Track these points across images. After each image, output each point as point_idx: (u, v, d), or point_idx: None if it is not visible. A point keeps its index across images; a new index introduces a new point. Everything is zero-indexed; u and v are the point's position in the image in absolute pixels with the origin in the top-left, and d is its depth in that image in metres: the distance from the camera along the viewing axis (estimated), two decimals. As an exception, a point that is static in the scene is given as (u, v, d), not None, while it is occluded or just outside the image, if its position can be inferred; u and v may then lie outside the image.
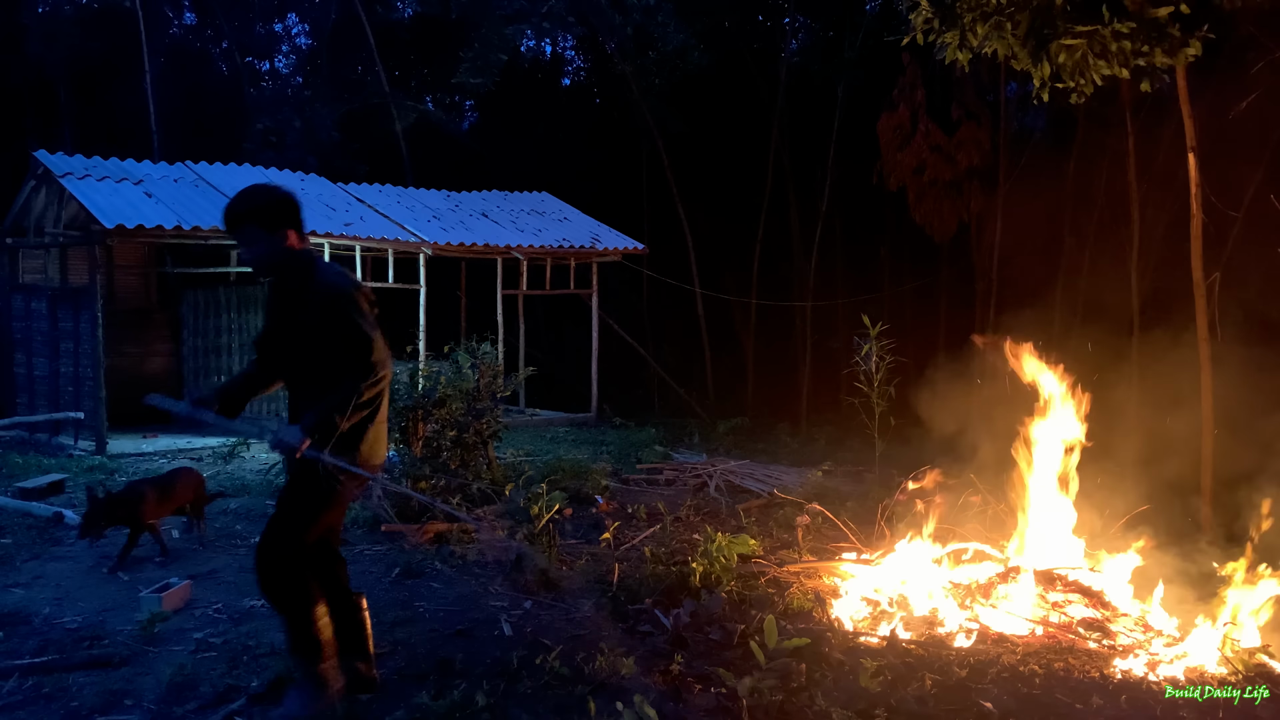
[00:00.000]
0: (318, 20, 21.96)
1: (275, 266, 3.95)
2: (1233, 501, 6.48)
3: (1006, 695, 4.18)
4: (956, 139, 13.00)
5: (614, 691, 4.13)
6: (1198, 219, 7.22)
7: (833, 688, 4.13)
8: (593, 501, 8.32)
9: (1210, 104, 8.37)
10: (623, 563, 6.32)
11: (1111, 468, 6.77)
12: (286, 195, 3.99)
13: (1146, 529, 6.06)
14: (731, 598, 5.42)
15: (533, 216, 16.30)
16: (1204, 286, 7.29)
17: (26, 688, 4.31)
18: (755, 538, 6.89)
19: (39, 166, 12.41)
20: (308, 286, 3.93)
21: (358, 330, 3.85)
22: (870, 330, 8.33)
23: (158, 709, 4.11)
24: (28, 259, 13.40)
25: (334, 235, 12.60)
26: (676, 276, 16.92)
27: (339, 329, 3.86)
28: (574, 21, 17.58)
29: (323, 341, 3.90)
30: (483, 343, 8.70)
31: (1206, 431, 7.27)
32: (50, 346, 12.34)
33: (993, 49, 6.32)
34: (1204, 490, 7.23)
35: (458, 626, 5.20)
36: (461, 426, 7.94)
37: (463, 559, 6.51)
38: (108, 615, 5.34)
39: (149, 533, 6.44)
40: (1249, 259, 9.20)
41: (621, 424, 14.27)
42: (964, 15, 6.21)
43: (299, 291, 3.95)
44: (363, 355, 3.83)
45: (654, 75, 17.10)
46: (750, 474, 9.75)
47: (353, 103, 19.36)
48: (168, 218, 11.48)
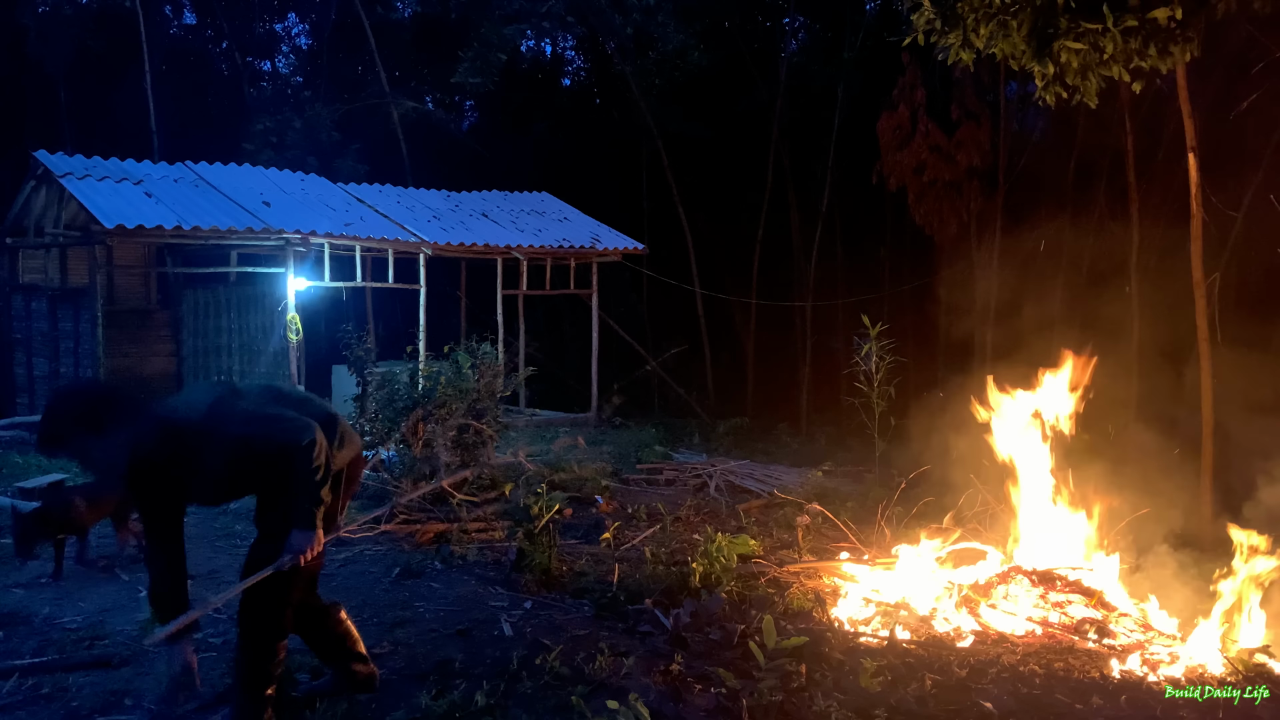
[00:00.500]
0: (318, 20, 21.97)
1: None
2: (1232, 501, 6.48)
3: (1006, 695, 4.18)
4: (956, 139, 12.99)
5: (614, 691, 4.12)
6: (1198, 219, 7.22)
7: (833, 688, 4.13)
8: (593, 502, 8.32)
9: (1210, 104, 8.38)
10: (623, 563, 6.32)
11: (1112, 466, 6.76)
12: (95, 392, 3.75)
13: (1147, 529, 6.07)
14: (731, 598, 5.42)
15: (533, 216, 16.30)
16: (1204, 286, 7.29)
17: (26, 688, 4.31)
18: (755, 538, 6.90)
19: (39, 166, 12.41)
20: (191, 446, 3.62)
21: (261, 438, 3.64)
22: (870, 330, 8.33)
23: (158, 709, 4.11)
24: (28, 259, 13.41)
25: (334, 235, 12.61)
26: (676, 276, 16.91)
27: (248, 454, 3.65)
28: (574, 21, 17.58)
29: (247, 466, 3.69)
30: (483, 343, 8.70)
31: (1207, 432, 7.27)
32: (50, 346, 12.35)
33: (996, 49, 6.31)
34: (1204, 490, 7.23)
35: (458, 626, 5.20)
36: (461, 427, 7.94)
37: (463, 559, 6.50)
38: (108, 615, 5.33)
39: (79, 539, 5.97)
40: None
41: (621, 424, 14.27)
42: (966, 16, 6.20)
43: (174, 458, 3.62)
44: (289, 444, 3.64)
45: (654, 75, 17.10)
46: (750, 474, 9.75)
47: (353, 103, 19.36)
48: (168, 218, 11.48)
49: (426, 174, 18.23)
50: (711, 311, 17.56)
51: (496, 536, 7.01)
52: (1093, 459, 6.20)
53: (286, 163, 15.90)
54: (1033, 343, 9.21)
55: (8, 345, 13.33)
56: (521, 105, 21.28)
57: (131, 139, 16.89)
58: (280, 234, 12.12)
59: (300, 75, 23.36)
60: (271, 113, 18.15)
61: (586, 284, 15.48)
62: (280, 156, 16.54)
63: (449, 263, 15.69)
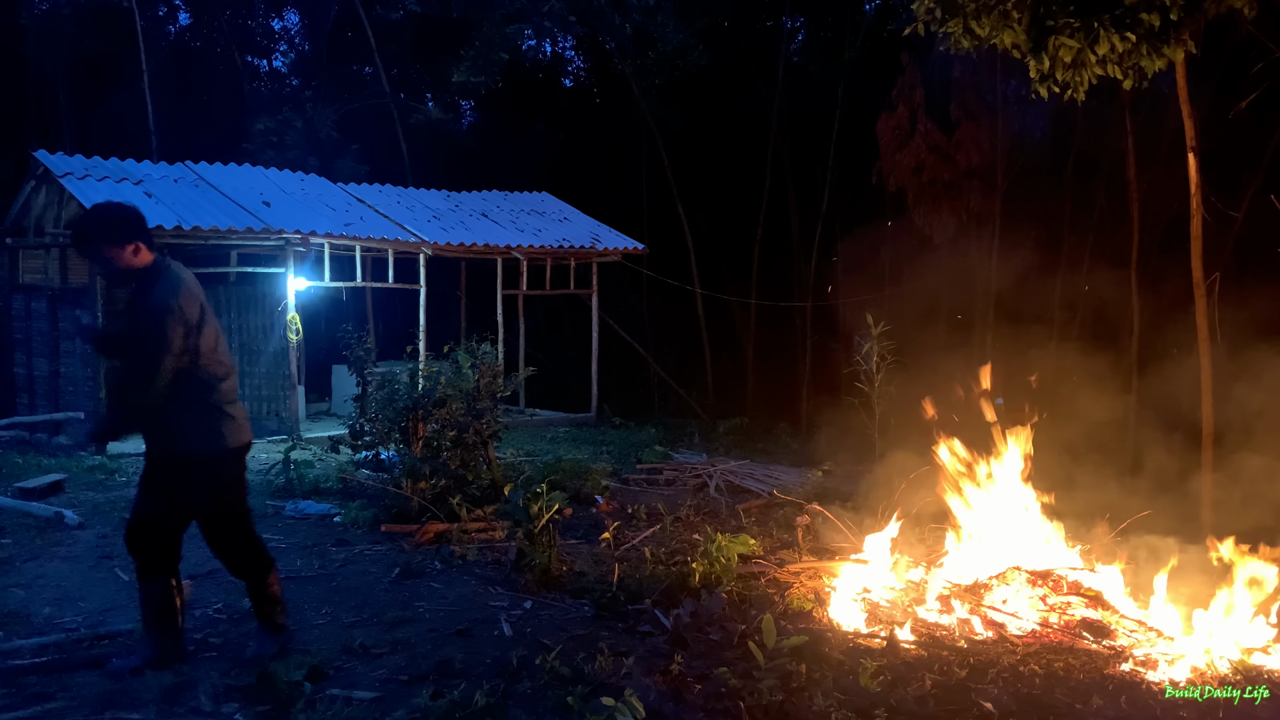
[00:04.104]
0: (317, 19, 21.95)
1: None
2: (1233, 500, 6.48)
3: (1006, 695, 4.18)
4: (955, 139, 13.00)
5: (613, 691, 4.12)
6: (1198, 219, 7.22)
7: (833, 688, 4.12)
8: (593, 502, 8.32)
9: (1210, 104, 8.38)
10: (623, 563, 6.32)
11: (1110, 467, 6.77)
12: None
13: (1147, 530, 6.06)
14: (731, 598, 5.41)
15: (533, 216, 16.29)
16: (1204, 286, 7.29)
17: (26, 687, 4.31)
18: (755, 538, 6.90)
19: (39, 166, 12.40)
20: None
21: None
22: (871, 330, 8.33)
23: (158, 709, 4.11)
24: (28, 259, 13.38)
25: (334, 235, 12.60)
26: (676, 276, 16.91)
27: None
28: (574, 21, 17.57)
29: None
30: (483, 343, 8.69)
31: (1207, 432, 7.27)
32: (50, 346, 12.33)
33: (998, 39, 6.31)
34: (1204, 489, 7.23)
35: (458, 626, 5.20)
36: (461, 426, 7.93)
37: (463, 559, 6.50)
38: (108, 615, 5.33)
39: None
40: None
41: (621, 424, 14.27)
42: (967, 5, 6.21)
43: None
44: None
45: (654, 75, 17.10)
46: (750, 474, 9.76)
47: (353, 103, 19.36)
48: (168, 218, 11.47)
49: (426, 174, 18.23)
50: (711, 311, 17.56)
51: (496, 536, 7.01)
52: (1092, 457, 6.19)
53: (286, 163, 15.89)
54: (1033, 343, 9.24)
55: (8, 345, 13.31)
56: (521, 105, 21.27)
57: (130, 139, 16.88)
58: (280, 234, 12.12)
59: (300, 75, 23.35)
60: (271, 113, 18.14)
61: (586, 284, 15.48)
62: (280, 156, 16.53)
63: (449, 263, 15.69)
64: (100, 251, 4.39)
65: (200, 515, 4.57)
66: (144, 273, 4.43)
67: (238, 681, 4.35)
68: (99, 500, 8.25)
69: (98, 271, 4.57)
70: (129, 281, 4.48)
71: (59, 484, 8.74)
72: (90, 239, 4.42)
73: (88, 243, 4.44)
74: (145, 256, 4.42)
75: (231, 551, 4.66)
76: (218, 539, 4.64)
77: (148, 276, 4.42)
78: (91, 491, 8.69)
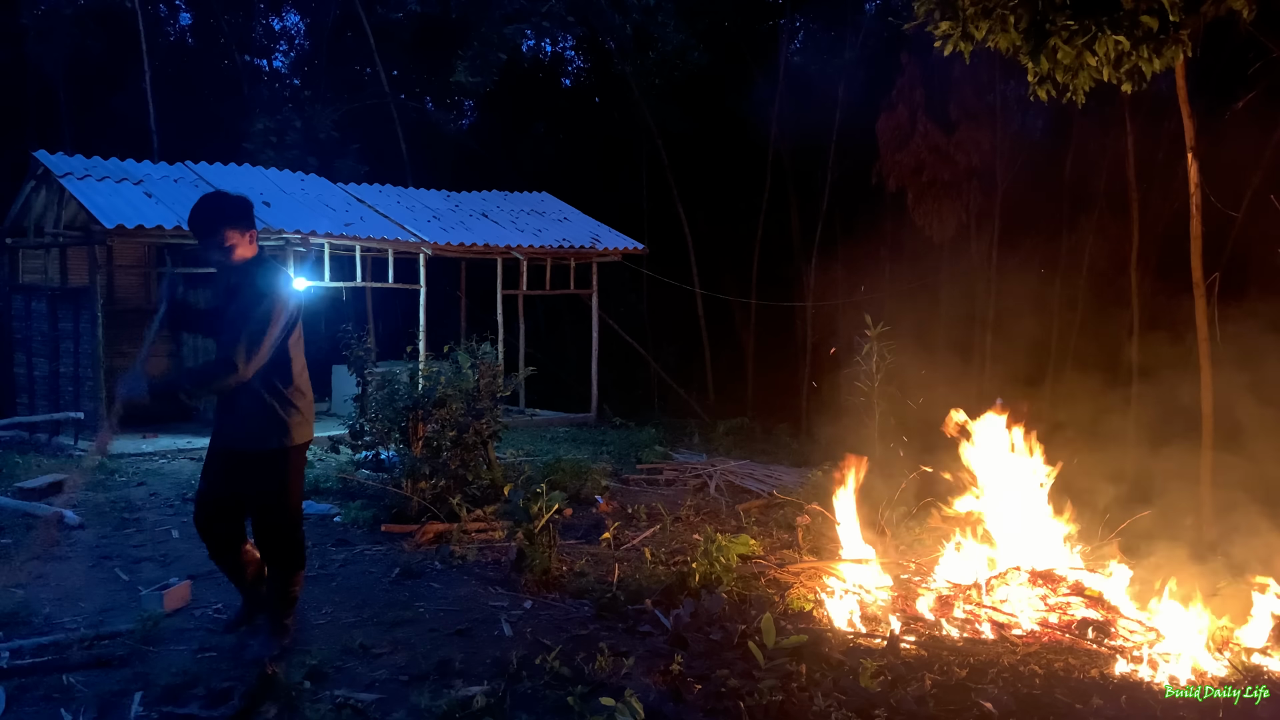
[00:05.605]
0: (317, 19, 21.96)
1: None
2: (1233, 501, 6.48)
3: (1006, 695, 4.18)
4: (955, 139, 13.01)
5: (613, 691, 4.12)
6: (1197, 219, 7.22)
7: (833, 688, 4.12)
8: (593, 502, 8.31)
9: (1209, 104, 8.38)
10: (623, 563, 6.32)
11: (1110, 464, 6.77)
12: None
13: (1147, 530, 6.06)
14: (731, 598, 5.42)
15: (533, 216, 16.29)
16: (1204, 286, 7.29)
17: (26, 688, 4.31)
18: (755, 538, 6.90)
19: (39, 166, 12.40)
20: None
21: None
22: (870, 330, 8.34)
23: (158, 709, 4.11)
24: (28, 259, 13.39)
25: (334, 235, 12.60)
26: (676, 276, 16.92)
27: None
28: (574, 21, 17.57)
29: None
30: (483, 343, 8.70)
31: (1207, 432, 7.27)
32: (50, 347, 12.33)
33: (995, 42, 6.31)
34: (1204, 489, 7.23)
35: (458, 626, 5.20)
36: (461, 426, 7.93)
37: (463, 559, 6.50)
38: (108, 615, 5.33)
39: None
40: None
41: (621, 424, 14.26)
42: (966, 8, 6.20)
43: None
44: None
45: (654, 75, 17.10)
46: (750, 474, 9.76)
47: (353, 103, 19.36)
48: (167, 218, 11.47)
49: (426, 174, 18.24)
50: (711, 311, 17.56)
51: (496, 536, 7.01)
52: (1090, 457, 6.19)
53: (286, 163, 15.89)
54: (1032, 343, 9.23)
55: (8, 345, 13.31)
56: (521, 105, 21.27)
57: (131, 139, 16.89)
58: (280, 234, 12.12)
59: (300, 75, 23.35)
60: (271, 113, 18.16)
61: (586, 284, 15.48)
62: (280, 156, 16.54)
63: (449, 263, 15.69)
64: (224, 238, 4.40)
65: (259, 505, 4.64)
66: (252, 262, 4.53)
67: (239, 682, 4.35)
68: (99, 500, 8.26)
69: (211, 260, 4.48)
70: (230, 273, 4.53)
71: (59, 484, 8.74)
72: (218, 223, 4.41)
73: (216, 227, 4.42)
74: (255, 247, 4.55)
75: (278, 542, 4.69)
76: (268, 529, 4.68)
77: (256, 265, 4.53)
78: (92, 491, 8.69)
